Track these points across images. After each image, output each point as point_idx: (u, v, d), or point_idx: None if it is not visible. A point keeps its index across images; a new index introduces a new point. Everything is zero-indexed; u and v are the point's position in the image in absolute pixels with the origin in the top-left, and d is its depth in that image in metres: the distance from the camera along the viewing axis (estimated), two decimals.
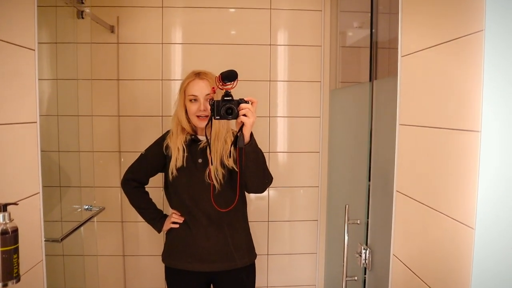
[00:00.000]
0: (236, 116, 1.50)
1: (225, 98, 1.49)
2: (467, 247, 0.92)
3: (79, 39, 2.02)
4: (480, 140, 0.88)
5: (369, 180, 1.76)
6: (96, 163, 2.36)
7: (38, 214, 1.30)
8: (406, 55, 1.30)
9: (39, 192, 1.30)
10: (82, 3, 1.88)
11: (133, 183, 1.87)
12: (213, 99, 1.52)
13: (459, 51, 0.98)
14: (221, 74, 1.48)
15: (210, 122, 1.59)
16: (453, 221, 1.00)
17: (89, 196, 2.22)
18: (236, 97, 1.51)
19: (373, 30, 1.79)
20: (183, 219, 1.79)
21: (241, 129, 1.51)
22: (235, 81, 1.49)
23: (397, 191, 1.37)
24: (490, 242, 0.89)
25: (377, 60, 1.78)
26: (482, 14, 0.87)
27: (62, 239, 1.58)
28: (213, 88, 1.54)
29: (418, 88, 1.23)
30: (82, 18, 1.86)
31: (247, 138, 1.53)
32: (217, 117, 1.51)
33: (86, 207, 2.14)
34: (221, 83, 1.48)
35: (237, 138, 1.53)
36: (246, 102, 1.50)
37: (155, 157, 1.84)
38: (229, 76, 1.47)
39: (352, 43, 2.29)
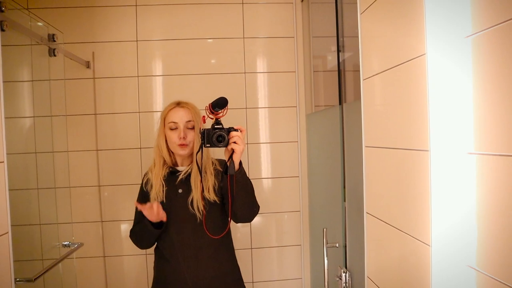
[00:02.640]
0: (226, 144, 1.53)
1: (215, 126, 1.52)
2: (426, 264, 0.93)
3: (52, 76, 2.05)
4: (429, 159, 0.90)
5: (345, 202, 1.76)
6: (76, 198, 2.35)
7: (7, 254, 1.29)
8: (367, 78, 1.33)
9: (7, 232, 1.29)
10: (54, 41, 1.90)
11: None
12: (202, 128, 1.54)
13: (407, 74, 1.01)
14: (211, 103, 1.50)
15: (201, 150, 1.60)
16: (414, 239, 1.01)
17: (67, 232, 2.20)
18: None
19: (340, 54, 1.83)
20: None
21: (231, 156, 1.53)
22: (225, 109, 1.52)
23: (367, 212, 1.38)
24: (446, 258, 0.90)
25: (345, 83, 1.81)
26: (423, 38, 0.90)
27: (35, 279, 1.55)
28: (203, 117, 1.56)
29: (378, 110, 1.26)
30: (54, 55, 1.88)
31: (237, 165, 1.55)
32: (207, 145, 1.53)
33: (65, 243, 2.11)
34: (211, 112, 1.51)
35: (227, 166, 1.54)
36: (236, 130, 1.53)
37: (143, 199, 1.81)
38: (219, 104, 1.49)
39: (325, 68, 2.34)
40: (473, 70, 0.84)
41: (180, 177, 1.74)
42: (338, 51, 1.83)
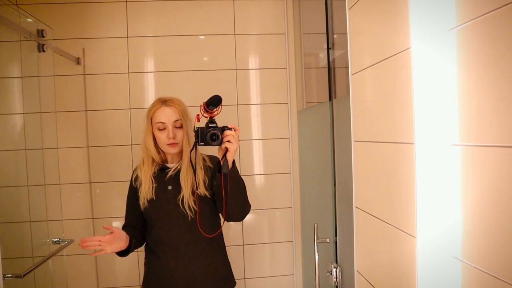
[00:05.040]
0: (220, 143, 1.53)
1: (209, 125, 1.52)
2: (412, 256, 0.94)
3: (42, 72, 2.03)
4: (414, 152, 0.90)
5: (335, 198, 1.77)
6: (67, 195, 2.34)
7: None
8: (355, 73, 1.34)
9: None
10: (43, 36, 1.89)
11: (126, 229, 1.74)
12: (196, 127, 1.54)
13: (393, 68, 1.02)
14: (205, 101, 1.50)
15: (195, 148, 1.60)
16: (400, 231, 1.01)
17: (57, 229, 2.19)
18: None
19: (330, 51, 1.83)
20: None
21: (224, 155, 1.53)
22: (220, 107, 1.51)
23: (356, 207, 1.39)
24: (431, 249, 0.91)
25: (335, 79, 1.82)
26: (408, 32, 0.91)
27: (24, 275, 1.54)
28: (198, 115, 1.56)
29: (366, 104, 1.27)
30: (43, 51, 1.87)
31: (230, 164, 1.55)
32: (201, 143, 1.53)
33: (55, 240, 2.11)
34: (206, 111, 1.51)
35: (220, 164, 1.54)
36: (230, 129, 1.53)
37: (133, 196, 1.80)
38: (214, 102, 1.49)
39: (316, 64, 2.34)
40: (457, 62, 0.85)
41: (170, 173, 1.74)
42: (328, 48, 1.84)
